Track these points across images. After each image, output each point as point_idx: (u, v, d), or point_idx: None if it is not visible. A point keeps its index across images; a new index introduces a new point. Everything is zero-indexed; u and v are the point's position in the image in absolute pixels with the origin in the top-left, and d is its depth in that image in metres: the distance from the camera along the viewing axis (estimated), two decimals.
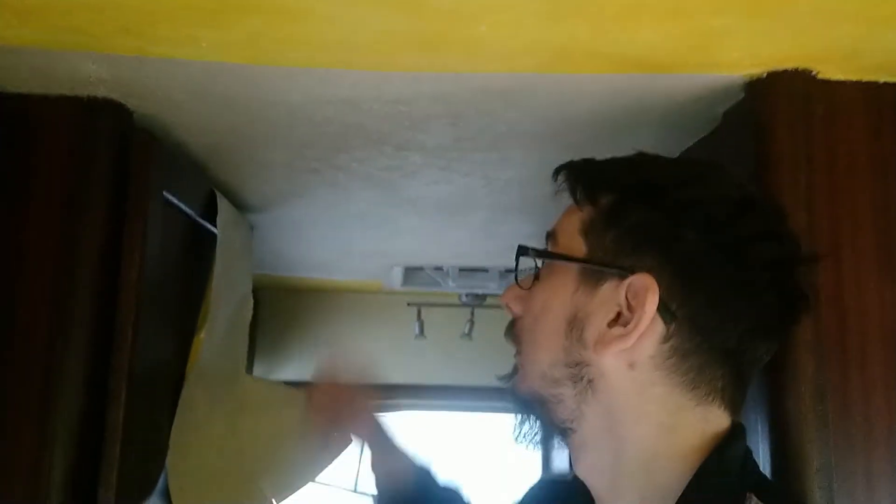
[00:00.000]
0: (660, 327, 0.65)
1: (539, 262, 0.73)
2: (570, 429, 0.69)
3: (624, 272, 0.66)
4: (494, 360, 2.54)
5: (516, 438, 0.74)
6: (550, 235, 0.74)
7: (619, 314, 0.66)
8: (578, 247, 0.69)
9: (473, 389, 2.52)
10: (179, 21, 0.76)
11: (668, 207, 0.66)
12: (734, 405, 0.68)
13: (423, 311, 2.51)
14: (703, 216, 0.66)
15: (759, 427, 0.83)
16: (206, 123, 1.07)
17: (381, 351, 2.55)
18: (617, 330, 0.65)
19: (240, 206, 1.49)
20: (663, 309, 0.65)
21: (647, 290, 0.64)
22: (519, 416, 0.74)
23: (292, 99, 0.97)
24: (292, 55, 0.84)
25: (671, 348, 0.65)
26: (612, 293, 0.66)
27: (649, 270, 0.65)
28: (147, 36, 0.81)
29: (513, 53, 0.81)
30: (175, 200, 1.15)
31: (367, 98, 0.95)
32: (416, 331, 2.48)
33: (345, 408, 1.22)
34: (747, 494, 0.62)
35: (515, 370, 0.75)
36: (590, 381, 0.67)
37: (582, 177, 0.73)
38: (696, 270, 0.65)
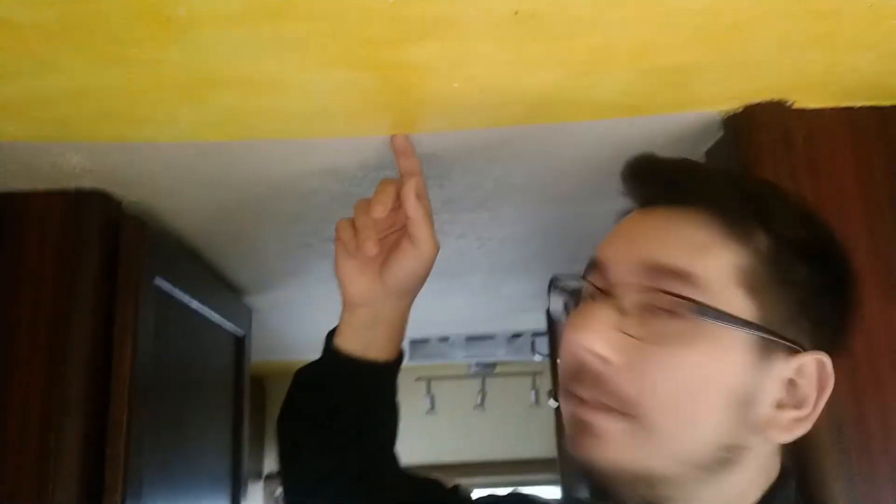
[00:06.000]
0: None
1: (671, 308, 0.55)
2: None
3: (795, 347, 0.56)
4: (509, 431, 2.50)
5: None
6: (678, 273, 0.55)
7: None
8: (741, 304, 0.55)
9: (491, 464, 2.46)
10: (156, 100, 0.77)
11: (822, 273, 0.58)
12: None
13: (433, 384, 2.47)
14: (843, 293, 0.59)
15: None
16: (194, 205, 1.08)
17: None
18: (791, 413, 0.56)
19: (236, 288, 1.48)
20: None
21: (826, 372, 0.57)
22: (586, 490, 0.59)
23: (275, 172, 0.97)
24: (269, 127, 0.84)
25: None
26: (781, 369, 0.56)
27: (812, 346, 0.57)
28: (127, 118, 0.82)
29: (489, 107, 0.81)
30: (168, 286, 1.14)
31: (350, 165, 0.96)
32: (427, 405, 2.44)
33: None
34: None
35: (580, 431, 0.57)
36: (730, 463, 0.56)
37: (722, 197, 0.58)
38: (833, 348, 0.58)
